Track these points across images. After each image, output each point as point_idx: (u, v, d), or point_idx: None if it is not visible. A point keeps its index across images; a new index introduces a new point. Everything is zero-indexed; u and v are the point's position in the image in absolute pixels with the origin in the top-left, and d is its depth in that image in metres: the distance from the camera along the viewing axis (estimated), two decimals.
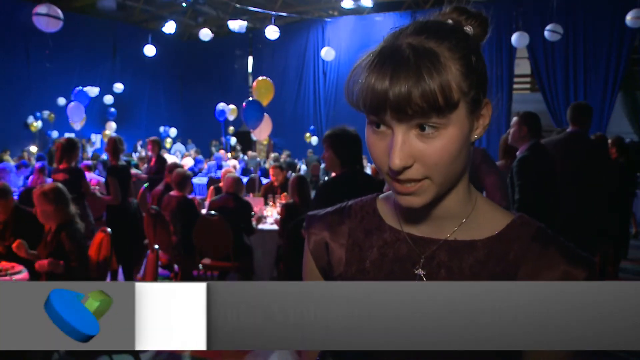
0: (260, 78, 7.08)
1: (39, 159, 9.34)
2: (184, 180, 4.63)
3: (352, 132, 2.72)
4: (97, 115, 14.07)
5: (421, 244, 0.74)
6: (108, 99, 14.52)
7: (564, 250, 0.69)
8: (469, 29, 0.69)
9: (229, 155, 12.56)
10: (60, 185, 3.16)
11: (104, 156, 8.70)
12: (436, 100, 0.60)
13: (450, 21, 0.69)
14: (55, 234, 3.00)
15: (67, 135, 9.63)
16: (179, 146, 15.28)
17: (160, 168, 6.06)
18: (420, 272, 0.73)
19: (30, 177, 6.47)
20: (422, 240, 0.74)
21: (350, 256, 0.79)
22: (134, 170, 7.47)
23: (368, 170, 8.75)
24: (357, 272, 0.77)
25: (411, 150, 0.63)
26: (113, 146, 4.58)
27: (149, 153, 6.81)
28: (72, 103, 9.15)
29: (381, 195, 0.83)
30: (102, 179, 6.01)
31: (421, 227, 0.75)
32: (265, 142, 15.18)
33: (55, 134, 13.40)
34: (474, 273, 0.70)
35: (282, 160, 12.21)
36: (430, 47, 0.62)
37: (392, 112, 0.61)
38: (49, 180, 4.76)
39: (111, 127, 13.47)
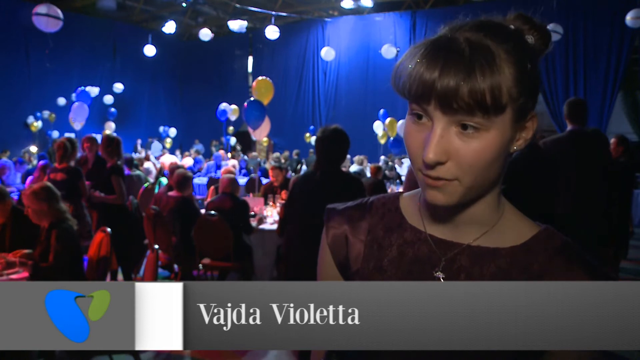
0: (260, 78, 7.06)
1: (40, 158, 9.33)
2: (184, 180, 4.62)
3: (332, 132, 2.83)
4: (97, 115, 14.05)
5: (443, 246, 0.72)
6: (108, 99, 14.53)
7: (589, 269, 0.67)
8: (530, 38, 0.67)
9: (229, 155, 12.55)
10: (48, 183, 3.15)
11: None
12: (484, 99, 0.58)
13: (512, 27, 0.67)
14: (47, 233, 2.98)
15: (67, 135, 9.62)
16: (155, 144, 15.11)
17: (98, 170, 4.60)
18: (440, 275, 0.71)
19: (30, 177, 6.45)
20: (444, 243, 0.72)
21: (369, 253, 0.77)
22: None
23: (353, 169, 8.69)
24: (375, 270, 0.75)
25: (448, 147, 0.61)
26: (117, 145, 4.48)
27: (86, 152, 5.42)
28: (76, 103, 9.13)
29: (405, 194, 0.81)
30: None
31: (444, 230, 0.73)
32: (265, 143, 15.18)
33: (55, 134, 13.40)
34: (495, 280, 0.69)
35: (293, 156, 12.24)
36: (487, 45, 0.60)
37: (436, 103, 0.60)
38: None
39: (111, 127, 13.46)
